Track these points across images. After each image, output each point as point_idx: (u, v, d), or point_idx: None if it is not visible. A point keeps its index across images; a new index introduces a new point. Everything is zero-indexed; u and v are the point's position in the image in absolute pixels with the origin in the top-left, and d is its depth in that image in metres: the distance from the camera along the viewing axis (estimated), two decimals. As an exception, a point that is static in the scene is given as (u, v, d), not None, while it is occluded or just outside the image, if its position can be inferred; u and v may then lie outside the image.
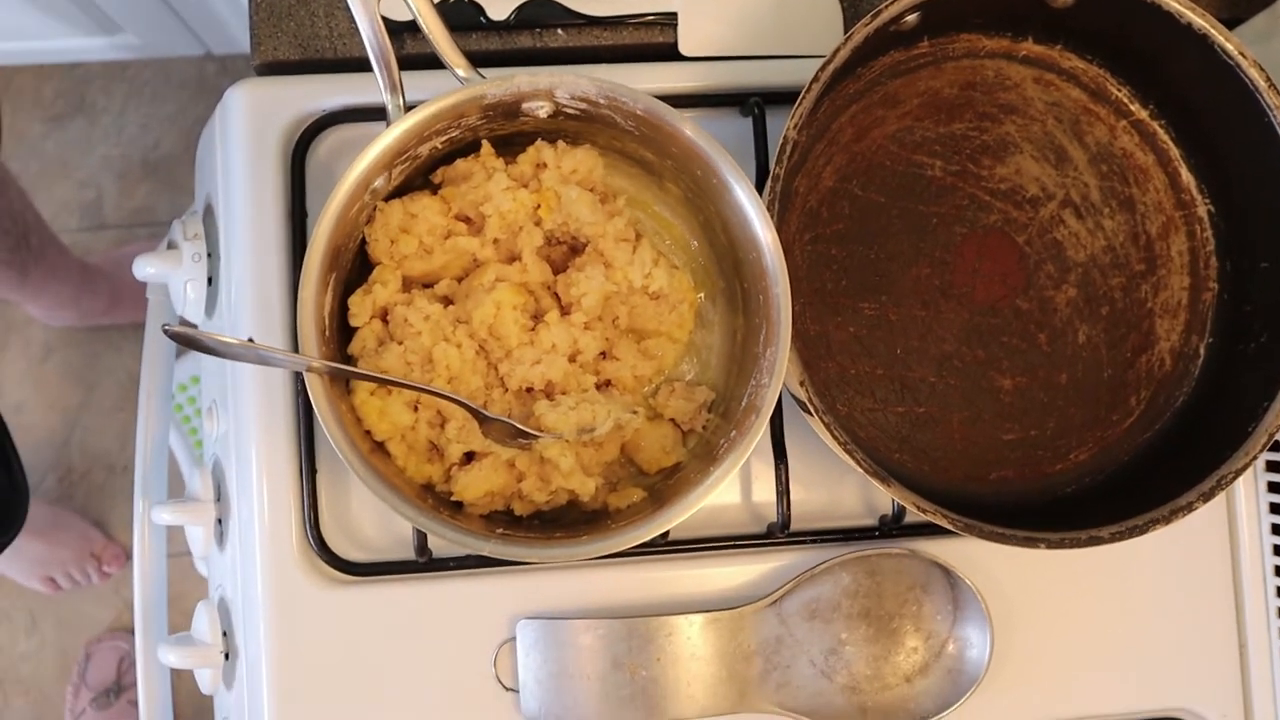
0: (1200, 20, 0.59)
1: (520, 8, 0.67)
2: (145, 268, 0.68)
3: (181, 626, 0.69)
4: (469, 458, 0.59)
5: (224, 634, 0.66)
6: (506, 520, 0.60)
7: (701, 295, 0.64)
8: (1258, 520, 0.68)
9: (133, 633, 0.69)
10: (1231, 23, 0.68)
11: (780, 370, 0.54)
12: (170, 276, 0.68)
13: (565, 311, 0.60)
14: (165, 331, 0.54)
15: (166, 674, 0.73)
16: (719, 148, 0.55)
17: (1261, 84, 0.59)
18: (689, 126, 0.55)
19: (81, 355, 1.57)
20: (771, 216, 0.56)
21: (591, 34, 0.68)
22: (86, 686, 1.49)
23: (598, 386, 0.61)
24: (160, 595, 0.76)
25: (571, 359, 0.59)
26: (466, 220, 0.60)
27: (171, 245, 0.69)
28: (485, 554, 0.54)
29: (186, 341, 0.53)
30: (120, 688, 1.49)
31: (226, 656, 0.66)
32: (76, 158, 1.61)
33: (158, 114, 1.62)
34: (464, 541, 0.54)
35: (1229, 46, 0.59)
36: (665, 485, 0.61)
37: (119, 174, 1.61)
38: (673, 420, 0.62)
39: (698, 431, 0.63)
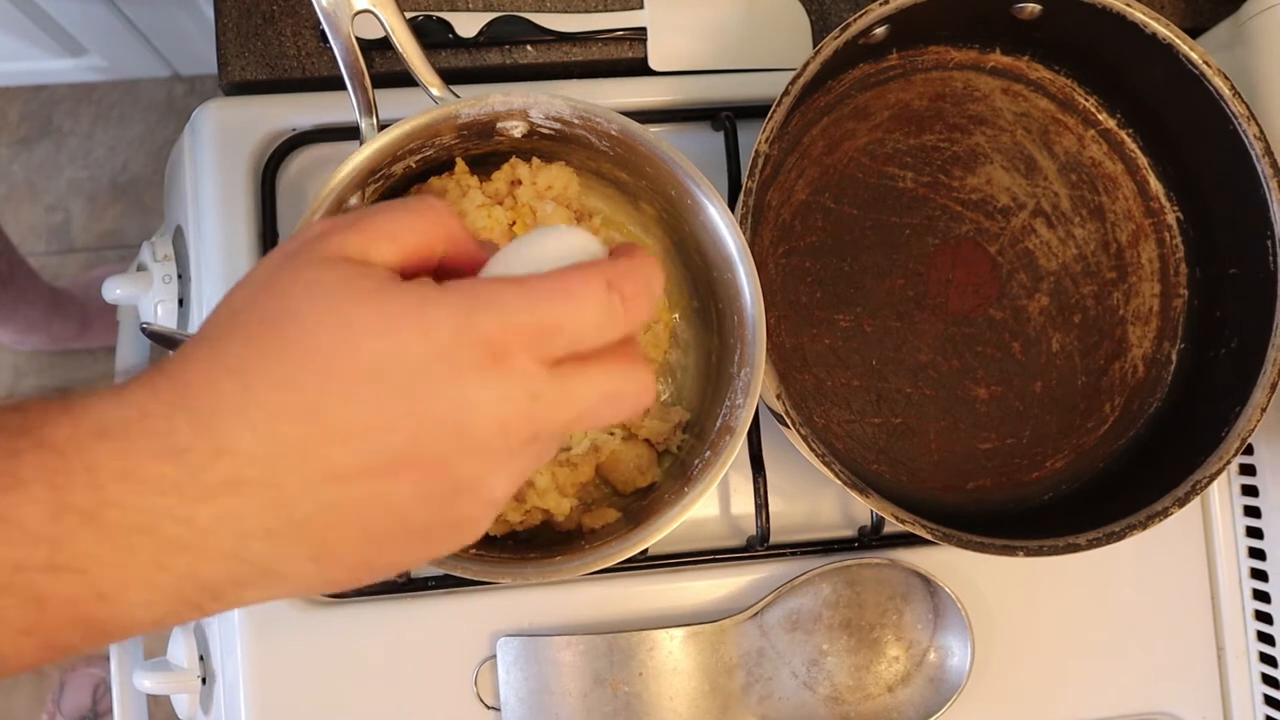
0: (1165, 30, 0.60)
1: (489, 24, 0.67)
2: (115, 290, 0.67)
3: (157, 652, 0.69)
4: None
5: (201, 658, 0.65)
6: (481, 541, 0.59)
7: (676, 315, 0.64)
8: (1232, 524, 0.69)
9: (108, 659, 0.69)
10: (1195, 32, 0.69)
11: (755, 391, 0.54)
12: (140, 298, 0.68)
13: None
14: (143, 329, 0.55)
15: (143, 700, 0.72)
16: (693, 169, 0.55)
17: (1226, 92, 0.60)
18: (664, 147, 0.55)
19: (53, 379, 1.56)
20: (745, 230, 0.56)
21: (561, 50, 0.68)
22: (62, 714, 1.47)
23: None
24: (135, 621, 0.75)
25: None
26: (440, 238, 0.60)
27: (141, 267, 0.69)
28: (458, 574, 0.53)
29: (163, 340, 0.53)
30: (96, 715, 1.47)
31: (204, 681, 0.65)
32: (44, 181, 1.60)
33: (126, 136, 1.61)
34: (438, 562, 0.54)
35: (1193, 55, 0.60)
36: (640, 505, 0.61)
37: (87, 197, 1.60)
38: (647, 440, 0.62)
39: (673, 452, 0.62)
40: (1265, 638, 0.67)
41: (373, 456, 0.34)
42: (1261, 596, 0.67)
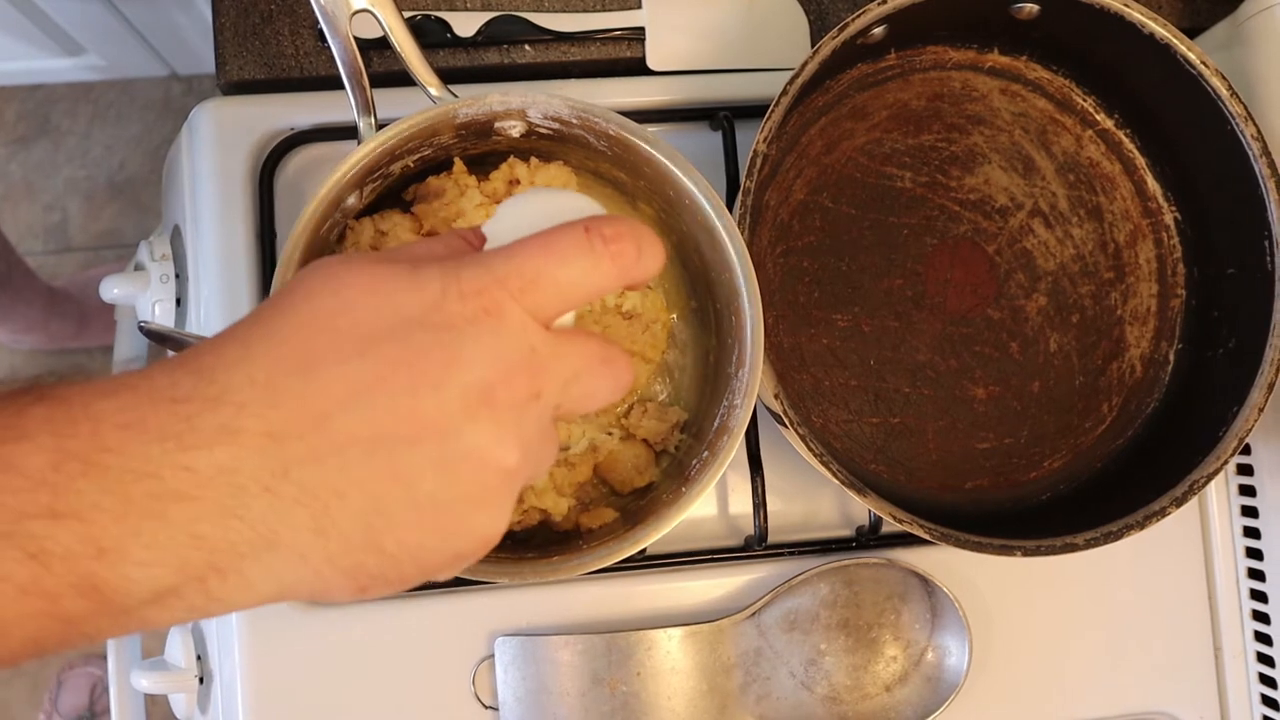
0: (1163, 30, 0.60)
1: (487, 24, 0.67)
2: (112, 289, 0.67)
3: (155, 651, 0.69)
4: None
5: (198, 658, 0.65)
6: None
7: (674, 316, 0.64)
8: (1230, 524, 0.69)
9: (105, 659, 0.68)
10: (1193, 32, 0.69)
11: (753, 391, 0.54)
12: (138, 298, 0.68)
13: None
14: (140, 328, 0.55)
15: (140, 700, 0.72)
16: (691, 168, 0.55)
17: (1224, 92, 0.60)
18: (662, 147, 0.55)
19: (50, 379, 1.56)
20: (743, 230, 0.56)
21: (559, 50, 0.68)
22: (59, 714, 1.47)
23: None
24: (133, 621, 0.75)
25: None
26: (438, 238, 0.60)
27: (139, 267, 0.69)
28: (455, 574, 0.53)
29: (160, 339, 0.53)
30: (93, 714, 1.47)
31: (201, 681, 0.65)
32: (41, 180, 1.60)
33: (123, 135, 1.61)
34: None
35: (1191, 55, 0.60)
36: (638, 505, 0.61)
37: (85, 196, 1.59)
38: (645, 440, 0.62)
39: (670, 452, 0.62)
40: (1262, 638, 0.67)
41: (370, 415, 0.33)
42: (1259, 597, 0.67)
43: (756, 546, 0.64)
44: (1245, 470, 0.68)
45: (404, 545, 0.35)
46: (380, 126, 0.54)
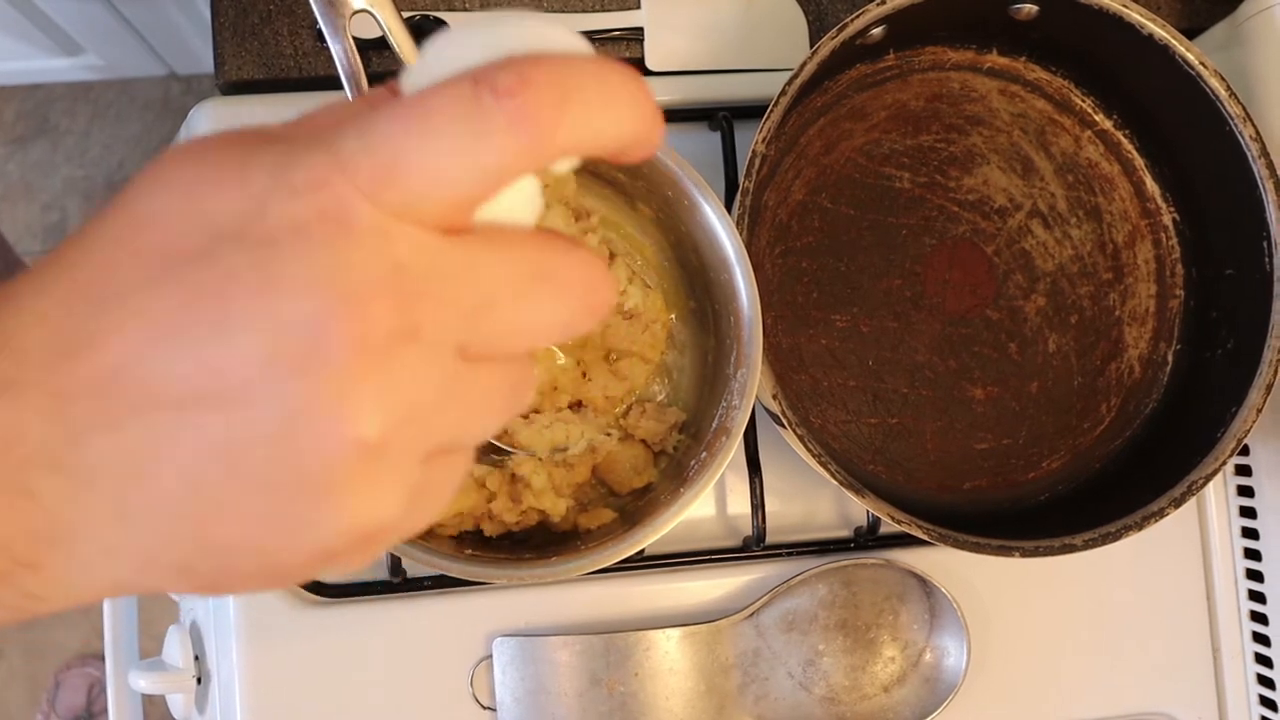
0: (1161, 31, 0.60)
1: (487, 25, 0.67)
2: (111, 290, 0.67)
3: (152, 651, 0.69)
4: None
5: (196, 658, 0.65)
6: (476, 541, 0.59)
7: (673, 316, 0.64)
8: (1228, 525, 0.69)
9: (103, 659, 0.68)
10: (1192, 32, 0.69)
11: (751, 392, 0.54)
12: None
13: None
14: None
15: (138, 700, 0.72)
16: (690, 169, 0.55)
17: (1222, 93, 0.60)
18: (660, 148, 0.55)
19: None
20: (741, 230, 0.56)
21: (559, 50, 0.68)
22: (56, 714, 1.47)
23: (570, 407, 0.61)
24: (130, 620, 0.75)
25: (553, 386, 0.59)
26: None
27: (138, 267, 0.69)
28: (454, 575, 0.53)
29: None
30: (91, 715, 1.47)
31: (199, 681, 0.65)
32: (40, 180, 1.59)
33: (122, 135, 1.60)
34: (433, 562, 0.54)
35: (1190, 56, 0.60)
36: (636, 506, 0.61)
37: (83, 196, 1.59)
38: (644, 441, 0.62)
39: (669, 452, 0.62)
40: (1260, 638, 0.67)
41: (170, 366, 0.24)
42: (1257, 597, 0.67)
43: (755, 547, 0.64)
44: (1243, 471, 0.68)
45: (234, 538, 0.26)
46: (379, 126, 0.54)
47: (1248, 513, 0.68)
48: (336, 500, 0.25)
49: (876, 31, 0.61)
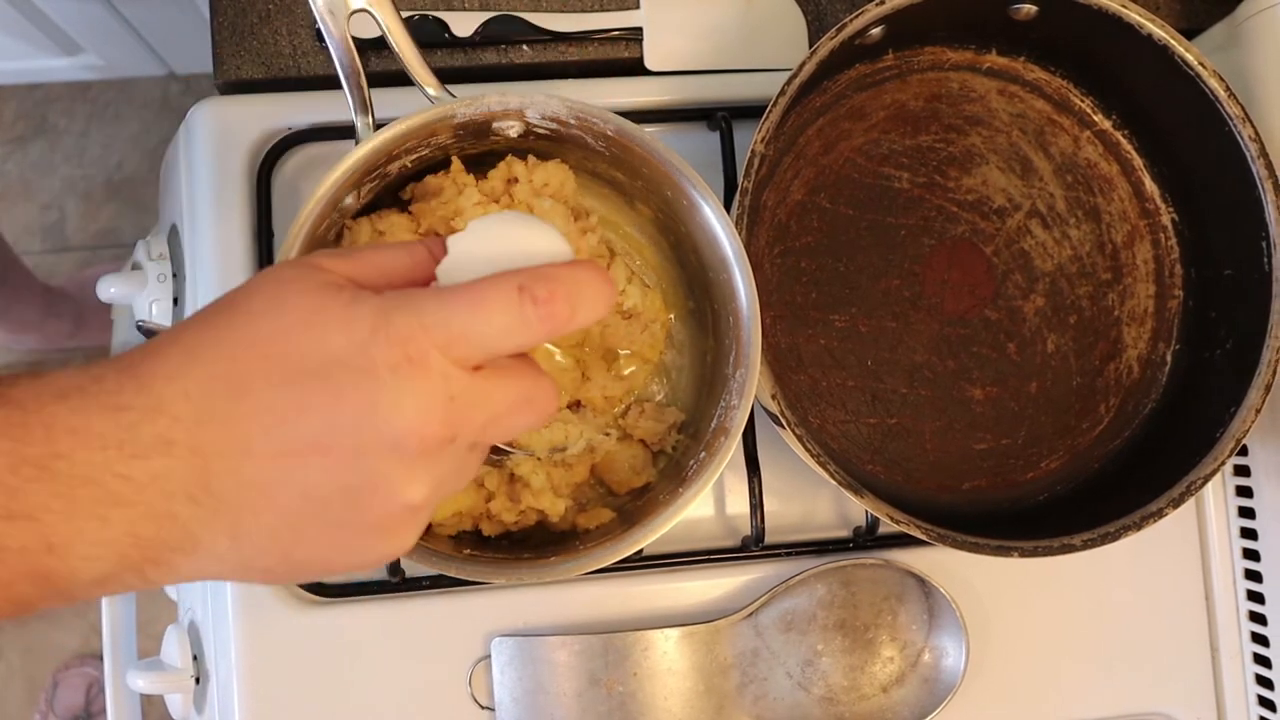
0: (1160, 31, 0.60)
1: (485, 24, 0.67)
2: (109, 289, 0.67)
3: (151, 651, 0.68)
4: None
5: (194, 658, 0.65)
6: (475, 541, 0.59)
7: (672, 316, 0.64)
8: (1227, 525, 0.69)
9: (101, 659, 0.68)
10: (1191, 33, 0.69)
11: (750, 392, 0.54)
12: (135, 297, 0.67)
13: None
14: (138, 326, 0.56)
15: (136, 700, 0.72)
16: (689, 169, 0.55)
17: (1221, 93, 0.60)
18: (659, 147, 0.55)
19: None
20: (740, 230, 0.56)
21: (557, 50, 0.68)
22: (54, 714, 1.47)
23: (569, 406, 0.61)
24: (129, 620, 0.75)
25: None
26: (436, 237, 0.60)
27: (136, 266, 0.69)
28: (452, 574, 0.53)
29: None
30: (89, 715, 1.47)
31: (197, 681, 0.65)
32: (38, 179, 1.59)
33: (121, 134, 1.60)
34: (432, 562, 0.54)
35: (1189, 57, 0.60)
36: (635, 506, 0.61)
37: (82, 195, 1.59)
38: (642, 441, 0.62)
39: (668, 452, 0.62)
40: (1259, 639, 0.67)
41: (287, 440, 0.36)
42: (1255, 597, 0.67)
43: (753, 547, 0.64)
44: (1242, 471, 0.68)
45: (310, 557, 0.38)
46: (378, 126, 0.54)
47: (1246, 513, 0.68)
48: (385, 541, 0.39)
49: (875, 31, 0.61)
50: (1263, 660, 0.67)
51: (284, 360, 0.36)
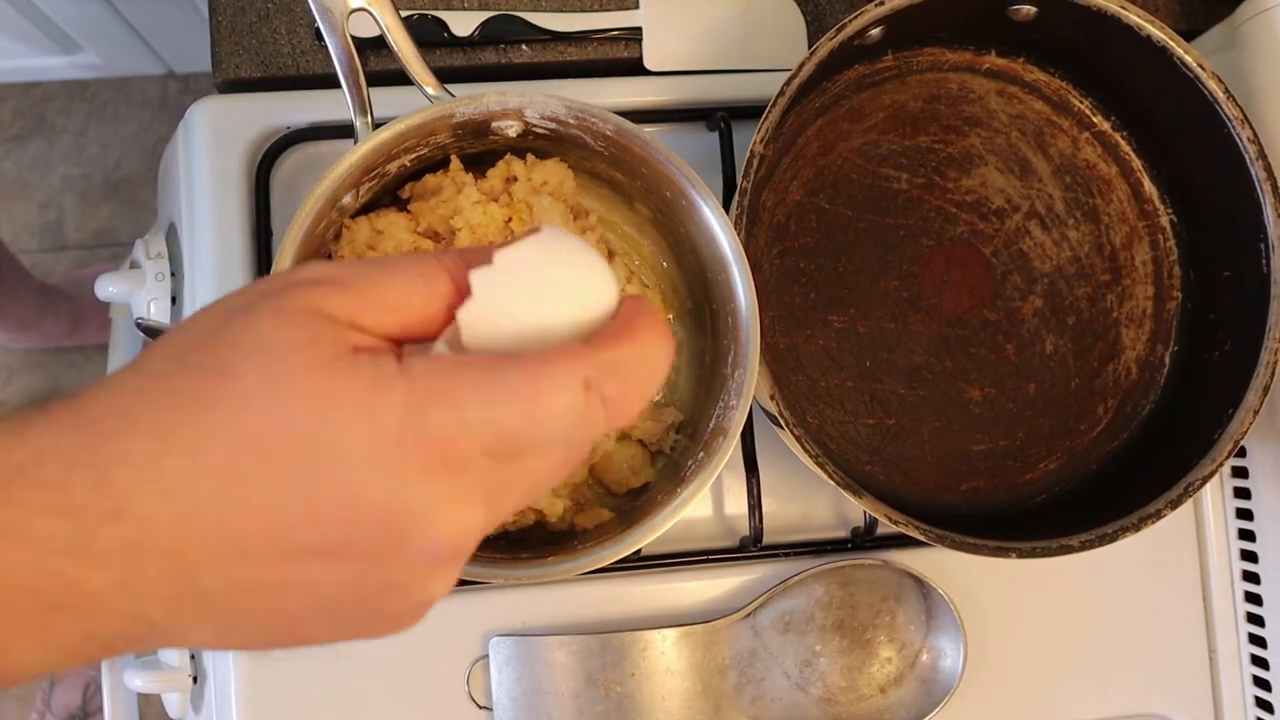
0: (1159, 32, 0.60)
1: (485, 24, 0.67)
2: (107, 287, 0.67)
3: (148, 650, 0.68)
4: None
5: (191, 657, 0.65)
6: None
7: (671, 317, 0.64)
8: (1225, 526, 0.69)
9: (98, 658, 0.68)
10: (1190, 34, 0.69)
11: (748, 392, 0.54)
12: (133, 296, 0.67)
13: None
14: (138, 324, 0.55)
15: (133, 699, 0.72)
16: (688, 169, 0.55)
17: (1220, 95, 0.60)
18: (659, 147, 0.55)
19: (44, 378, 1.56)
20: (739, 230, 0.56)
21: (556, 49, 0.68)
22: (52, 713, 1.47)
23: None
24: (126, 620, 0.75)
25: None
26: (434, 236, 0.59)
27: (134, 265, 0.69)
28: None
29: (157, 336, 0.53)
30: (86, 714, 1.47)
31: (195, 680, 0.65)
32: (36, 178, 1.59)
33: (119, 133, 1.60)
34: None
35: (1188, 58, 0.60)
36: (633, 506, 0.61)
37: (80, 194, 1.59)
38: (641, 441, 0.62)
39: (666, 452, 0.62)
40: (1257, 640, 0.67)
41: (294, 544, 0.31)
42: (1253, 599, 0.67)
43: (752, 547, 0.64)
44: (1240, 473, 0.68)
45: (309, 639, 0.34)
46: (377, 126, 0.54)
47: (1244, 514, 0.68)
48: (396, 626, 0.35)
49: (875, 32, 0.61)
50: (1260, 662, 0.67)
51: (289, 456, 0.30)
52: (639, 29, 0.68)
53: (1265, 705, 0.67)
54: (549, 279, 0.33)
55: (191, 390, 0.31)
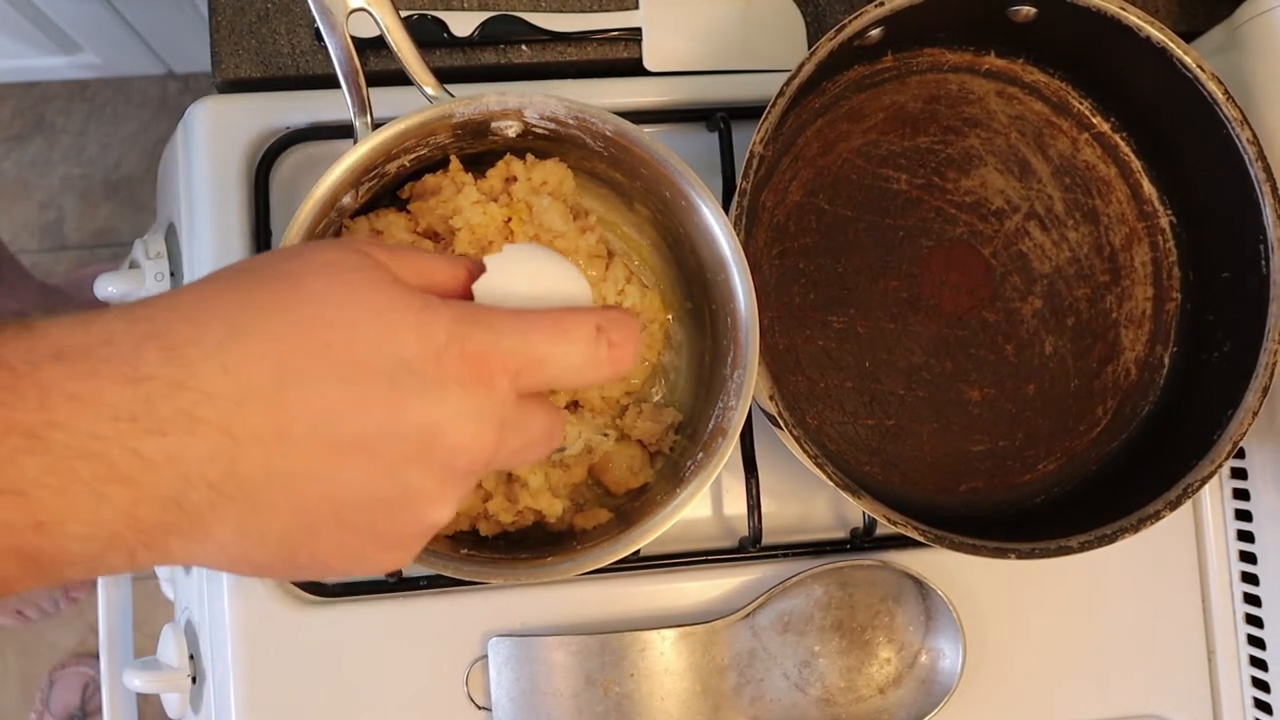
0: (1159, 34, 0.60)
1: (484, 24, 0.67)
2: (107, 287, 0.67)
3: (147, 650, 0.68)
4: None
5: (191, 657, 0.65)
6: (472, 541, 0.59)
7: (670, 317, 0.64)
8: (1224, 527, 0.69)
9: (97, 658, 0.68)
10: (1190, 35, 0.69)
11: (748, 393, 0.54)
12: (133, 296, 0.67)
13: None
14: None
15: (132, 699, 0.72)
16: (687, 169, 0.55)
17: (1219, 96, 0.60)
18: (658, 148, 0.55)
19: None
20: (739, 231, 0.56)
21: (556, 50, 0.68)
22: (50, 713, 1.47)
23: (567, 407, 0.60)
24: (125, 619, 0.75)
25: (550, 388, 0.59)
26: (434, 236, 0.59)
27: (134, 265, 0.69)
28: (450, 574, 0.53)
29: None
30: (85, 714, 1.47)
31: (194, 680, 0.65)
32: (36, 178, 1.59)
33: (119, 133, 1.60)
34: (429, 562, 0.54)
35: (1188, 59, 0.60)
36: (632, 506, 0.61)
37: (80, 194, 1.59)
38: (640, 442, 0.62)
39: (665, 453, 0.62)
40: (1255, 641, 0.67)
41: (334, 435, 0.34)
42: (1252, 600, 0.67)
43: (751, 548, 0.64)
44: (1239, 474, 0.68)
45: (314, 559, 0.36)
46: (376, 126, 0.54)
47: (1243, 516, 0.68)
48: (394, 553, 0.38)
49: (875, 33, 0.61)
50: (1259, 663, 0.67)
51: (348, 353, 0.34)
52: (639, 29, 0.68)
53: (1264, 706, 0.67)
54: (542, 272, 0.42)
55: (262, 291, 0.35)
